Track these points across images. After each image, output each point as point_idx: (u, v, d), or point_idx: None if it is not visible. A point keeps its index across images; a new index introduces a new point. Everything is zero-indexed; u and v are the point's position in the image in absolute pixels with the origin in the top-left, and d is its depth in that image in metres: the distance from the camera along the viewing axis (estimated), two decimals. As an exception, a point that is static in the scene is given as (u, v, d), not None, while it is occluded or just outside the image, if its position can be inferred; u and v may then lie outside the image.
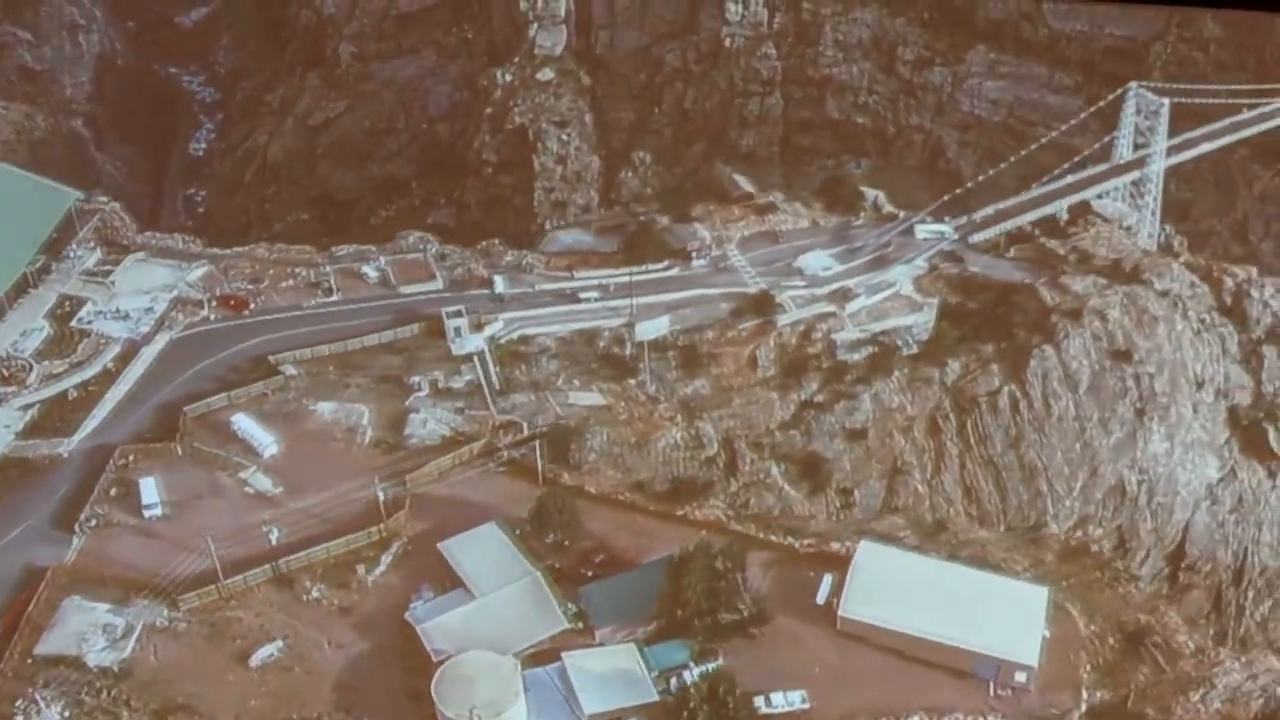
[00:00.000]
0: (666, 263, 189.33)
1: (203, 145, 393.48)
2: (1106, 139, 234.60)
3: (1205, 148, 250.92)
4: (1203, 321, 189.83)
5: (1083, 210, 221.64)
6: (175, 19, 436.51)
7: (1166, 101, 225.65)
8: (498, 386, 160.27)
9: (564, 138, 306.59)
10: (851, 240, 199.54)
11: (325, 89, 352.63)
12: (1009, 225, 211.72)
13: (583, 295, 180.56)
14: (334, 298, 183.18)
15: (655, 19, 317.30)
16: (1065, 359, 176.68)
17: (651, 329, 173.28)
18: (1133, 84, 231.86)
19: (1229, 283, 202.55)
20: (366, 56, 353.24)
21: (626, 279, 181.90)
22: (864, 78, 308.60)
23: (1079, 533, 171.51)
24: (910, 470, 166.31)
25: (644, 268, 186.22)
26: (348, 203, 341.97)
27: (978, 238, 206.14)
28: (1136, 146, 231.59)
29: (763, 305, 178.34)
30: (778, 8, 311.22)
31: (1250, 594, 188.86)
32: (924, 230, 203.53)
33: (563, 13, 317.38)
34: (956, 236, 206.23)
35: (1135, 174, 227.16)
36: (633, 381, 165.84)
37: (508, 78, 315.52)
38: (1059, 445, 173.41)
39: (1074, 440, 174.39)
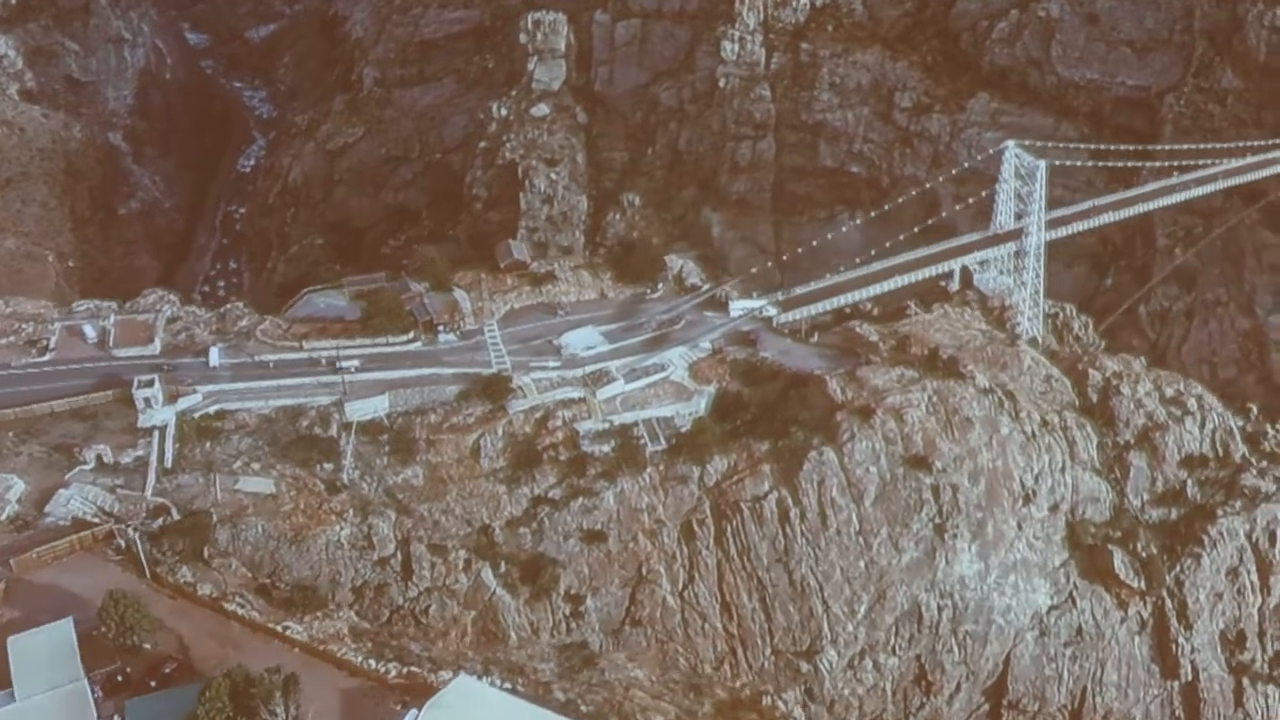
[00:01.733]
0: (410, 335, 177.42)
1: (251, 162, 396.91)
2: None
3: (1105, 218, 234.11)
4: (1045, 423, 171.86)
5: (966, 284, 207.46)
6: (245, 33, 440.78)
7: (1043, 164, 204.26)
8: (168, 465, 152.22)
9: (553, 176, 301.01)
10: (637, 316, 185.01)
11: (348, 114, 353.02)
12: (835, 304, 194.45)
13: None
14: (46, 357, 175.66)
15: (654, 56, 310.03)
16: (848, 464, 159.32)
17: (365, 409, 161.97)
18: (1009, 143, 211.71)
19: (1096, 377, 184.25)
20: (389, 82, 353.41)
21: (362, 352, 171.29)
22: (859, 124, 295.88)
23: (855, 663, 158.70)
24: (657, 579, 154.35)
25: (372, 341, 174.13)
26: (361, 229, 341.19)
27: (791, 316, 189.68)
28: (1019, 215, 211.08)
29: (496, 388, 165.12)
30: (776, 48, 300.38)
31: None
32: (739, 306, 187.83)
33: (562, 47, 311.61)
34: (777, 314, 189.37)
35: (1013, 245, 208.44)
36: (329, 467, 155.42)
37: (503, 112, 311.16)
38: (838, 561, 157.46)
39: (857, 557, 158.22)
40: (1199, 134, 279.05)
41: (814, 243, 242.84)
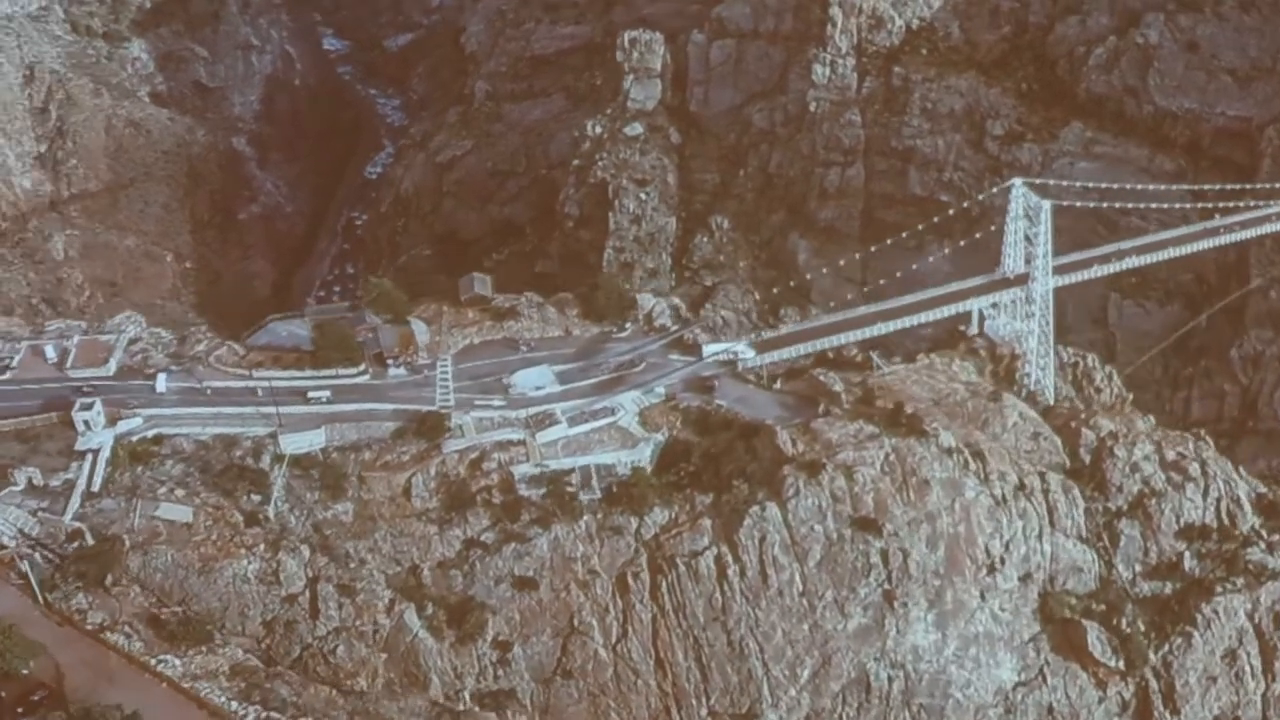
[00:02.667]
0: (361, 368, 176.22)
1: (378, 169, 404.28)
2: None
3: (1128, 262, 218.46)
4: (1022, 486, 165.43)
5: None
6: (384, 41, 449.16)
7: (1047, 205, 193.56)
8: (95, 489, 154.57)
9: (642, 196, 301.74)
10: (598, 356, 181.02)
11: (459, 126, 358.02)
12: (813, 348, 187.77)
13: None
14: (5, 376, 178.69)
15: (749, 77, 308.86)
16: (792, 521, 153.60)
17: (300, 442, 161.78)
18: (1016, 181, 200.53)
19: (1089, 436, 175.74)
20: (499, 96, 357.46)
21: (303, 384, 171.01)
22: (951, 151, 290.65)
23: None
24: (589, 631, 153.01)
25: (317, 373, 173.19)
26: (468, 242, 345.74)
27: (767, 359, 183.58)
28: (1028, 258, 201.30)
29: (431, 426, 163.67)
30: (868, 71, 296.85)
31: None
32: (713, 349, 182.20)
33: (658, 66, 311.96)
34: (753, 357, 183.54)
35: (1019, 291, 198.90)
36: (257, 498, 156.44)
37: (598, 130, 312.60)
38: (780, 623, 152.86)
39: (800, 619, 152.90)
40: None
41: (898, 274, 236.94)
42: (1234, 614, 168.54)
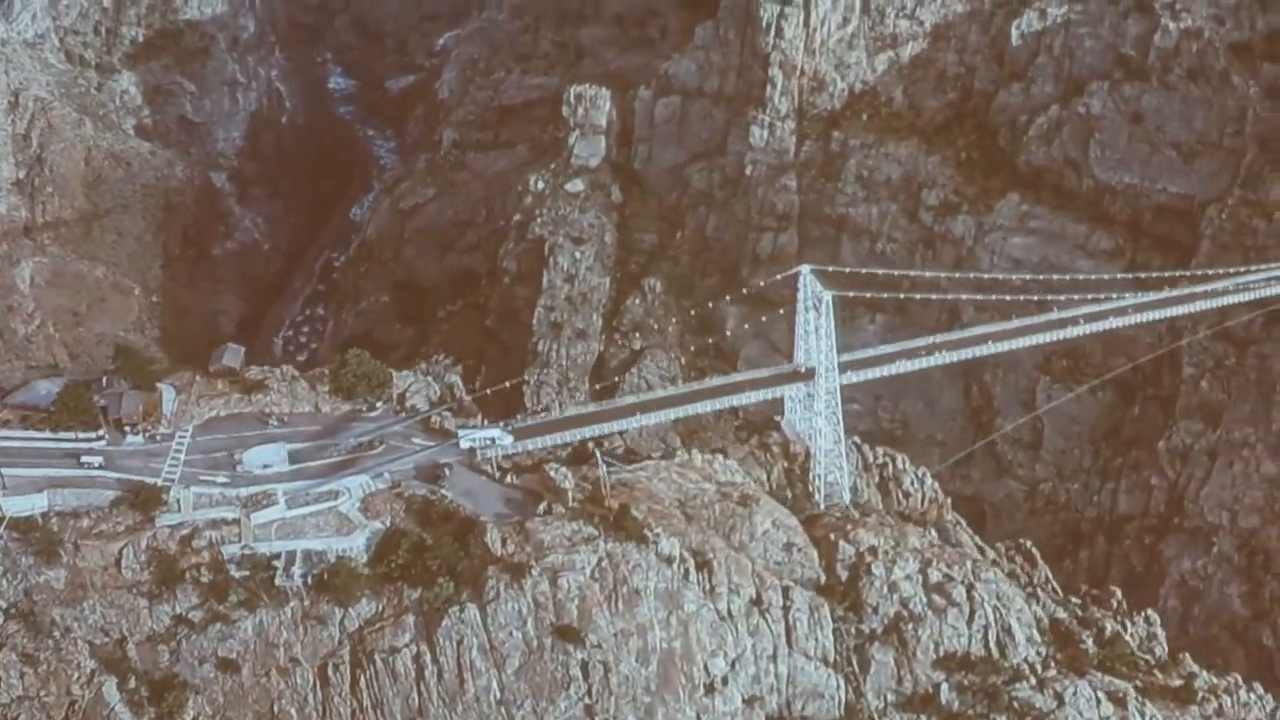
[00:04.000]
0: (99, 432, 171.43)
1: (364, 211, 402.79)
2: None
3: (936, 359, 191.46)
4: (757, 601, 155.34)
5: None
6: (386, 82, 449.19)
7: (828, 296, 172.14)
8: None
9: (577, 255, 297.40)
10: (340, 435, 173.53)
11: (425, 173, 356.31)
12: (572, 437, 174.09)
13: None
14: None
15: (691, 136, 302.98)
16: (491, 625, 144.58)
17: (23, 505, 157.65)
18: (805, 266, 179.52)
19: (847, 550, 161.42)
20: (465, 145, 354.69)
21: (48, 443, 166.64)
22: (885, 221, 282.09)
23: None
24: (288, 719, 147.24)
25: (55, 434, 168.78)
26: (426, 289, 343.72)
27: (525, 447, 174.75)
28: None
29: (147, 499, 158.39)
30: (808, 135, 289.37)
31: None
32: (469, 436, 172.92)
33: (603, 122, 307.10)
34: (509, 445, 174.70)
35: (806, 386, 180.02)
36: None
37: (540, 185, 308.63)
38: None
39: None
40: (1239, 251, 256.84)
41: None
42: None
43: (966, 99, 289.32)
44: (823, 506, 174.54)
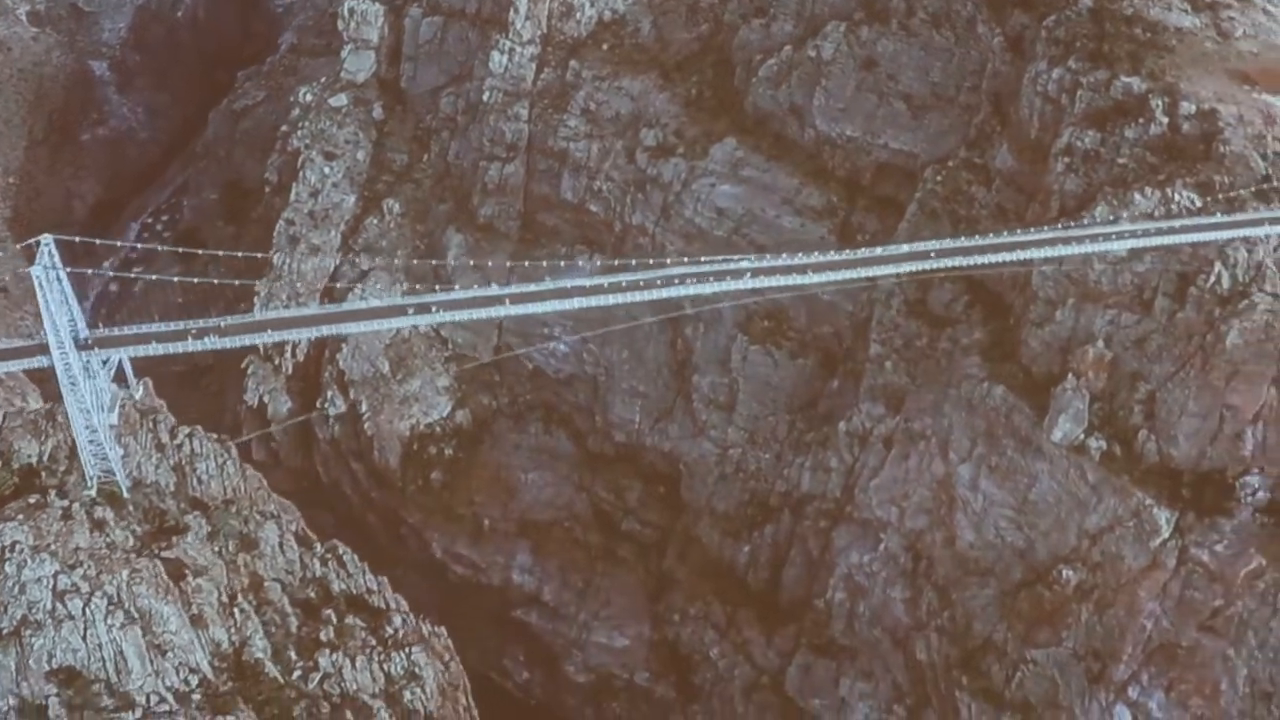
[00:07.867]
0: None
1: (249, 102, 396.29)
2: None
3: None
4: None
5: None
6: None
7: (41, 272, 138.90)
8: None
9: (326, 170, 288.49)
10: None
11: (262, 75, 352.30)
12: None
13: None
14: None
15: (449, 59, 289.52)
16: None
17: None
18: (47, 235, 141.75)
19: None
20: (300, 50, 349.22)
21: None
22: (606, 159, 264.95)
23: None
24: None
25: None
26: (248, 191, 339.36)
27: None
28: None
29: None
30: (548, 63, 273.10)
31: None
32: None
33: (375, 38, 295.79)
34: None
35: None
36: None
37: (308, 97, 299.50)
38: None
39: None
40: (948, 221, 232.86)
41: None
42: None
43: (716, 33, 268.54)
44: (94, 491, 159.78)
